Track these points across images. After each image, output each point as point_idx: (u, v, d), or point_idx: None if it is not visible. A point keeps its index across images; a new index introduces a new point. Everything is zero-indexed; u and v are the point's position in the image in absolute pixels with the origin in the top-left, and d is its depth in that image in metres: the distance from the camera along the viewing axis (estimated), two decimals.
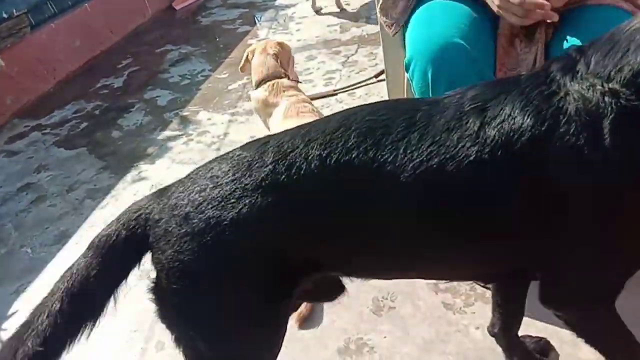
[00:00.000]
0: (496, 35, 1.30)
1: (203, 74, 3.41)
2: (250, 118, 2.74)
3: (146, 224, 0.85)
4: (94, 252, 0.87)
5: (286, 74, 2.11)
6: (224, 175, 0.83)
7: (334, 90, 2.77)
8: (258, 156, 0.83)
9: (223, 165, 0.85)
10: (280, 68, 2.09)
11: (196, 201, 0.81)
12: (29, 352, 0.82)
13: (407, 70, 1.29)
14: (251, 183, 0.81)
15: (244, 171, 0.82)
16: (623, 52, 0.73)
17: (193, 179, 0.86)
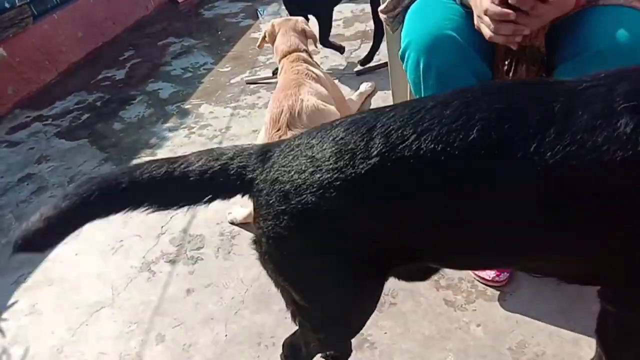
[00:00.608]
0: None
1: (205, 67, 3.39)
2: (252, 112, 2.73)
3: (251, 186, 0.87)
4: (202, 163, 0.88)
5: (307, 50, 2.18)
6: (325, 160, 0.79)
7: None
8: (363, 145, 0.77)
9: (325, 147, 0.80)
10: (302, 45, 2.18)
11: (296, 182, 0.80)
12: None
13: (402, 60, 1.32)
14: (353, 174, 0.77)
15: (347, 160, 0.77)
16: None
17: (294, 153, 0.84)
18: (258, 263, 0.95)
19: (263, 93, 2.89)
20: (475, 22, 1.18)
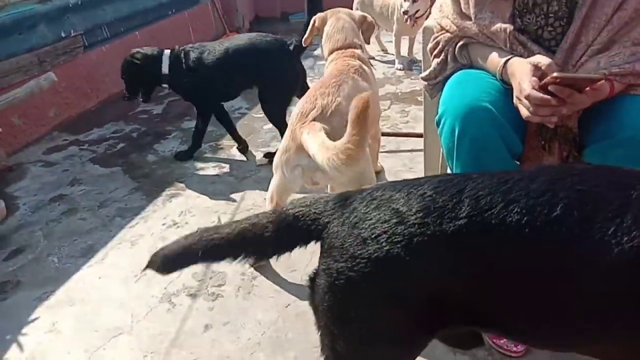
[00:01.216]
0: None
1: (240, 111, 3.53)
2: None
3: (324, 229, 0.91)
4: (273, 223, 0.96)
5: (362, 46, 2.05)
6: (412, 214, 0.82)
7: None
8: (452, 205, 0.80)
9: (412, 202, 0.84)
10: (357, 40, 2.05)
11: (377, 230, 0.83)
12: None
13: (438, 125, 1.37)
14: (439, 232, 0.79)
15: (434, 218, 0.80)
16: None
17: (377, 203, 0.87)
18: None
19: None
20: (514, 101, 1.25)
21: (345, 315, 0.90)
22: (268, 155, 2.70)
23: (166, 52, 2.71)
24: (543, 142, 1.38)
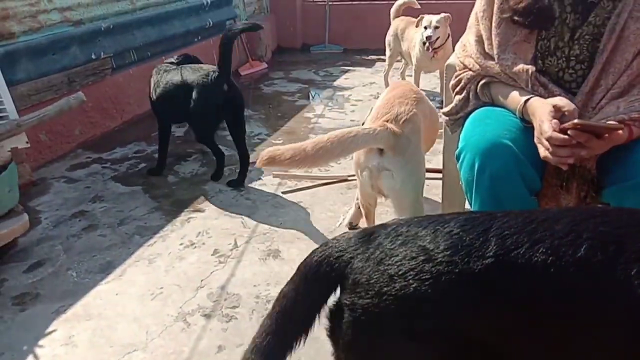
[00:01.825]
0: None
1: (259, 137, 3.60)
2: (298, 184, 2.86)
3: (348, 266, 0.91)
4: (301, 280, 0.97)
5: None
6: (439, 252, 0.83)
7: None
8: (479, 244, 0.82)
9: (439, 239, 0.85)
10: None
11: (404, 267, 0.84)
12: None
13: (458, 159, 1.40)
14: (467, 270, 0.80)
15: (462, 256, 0.81)
16: None
17: (402, 239, 0.88)
18: None
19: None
20: (535, 140, 1.29)
21: (369, 352, 0.90)
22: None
23: None
24: (561, 182, 1.41)
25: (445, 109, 1.65)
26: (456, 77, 1.59)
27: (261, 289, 1.98)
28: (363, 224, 2.26)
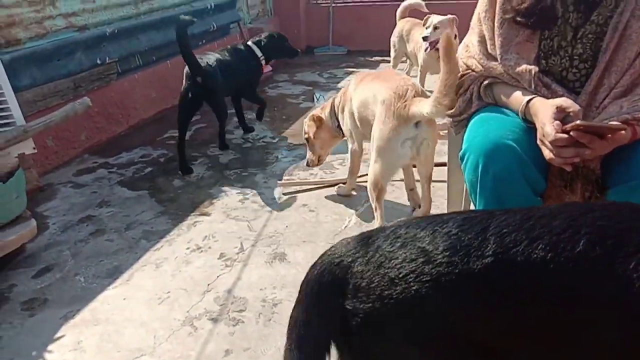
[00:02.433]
0: None
1: (264, 140, 3.60)
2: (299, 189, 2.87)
3: (348, 270, 0.90)
4: (308, 299, 0.96)
5: None
6: (438, 253, 0.83)
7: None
8: (477, 243, 0.81)
9: (438, 240, 0.84)
10: None
11: (404, 270, 0.83)
12: None
13: (462, 160, 1.40)
14: (467, 270, 0.80)
15: (461, 256, 0.81)
16: None
17: (401, 241, 0.87)
18: None
19: (315, 170, 3.03)
20: (538, 142, 1.28)
21: (373, 356, 0.89)
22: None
23: None
24: (565, 182, 1.40)
25: (449, 111, 1.65)
26: (459, 78, 1.58)
27: (268, 293, 1.98)
28: (374, 223, 2.25)
